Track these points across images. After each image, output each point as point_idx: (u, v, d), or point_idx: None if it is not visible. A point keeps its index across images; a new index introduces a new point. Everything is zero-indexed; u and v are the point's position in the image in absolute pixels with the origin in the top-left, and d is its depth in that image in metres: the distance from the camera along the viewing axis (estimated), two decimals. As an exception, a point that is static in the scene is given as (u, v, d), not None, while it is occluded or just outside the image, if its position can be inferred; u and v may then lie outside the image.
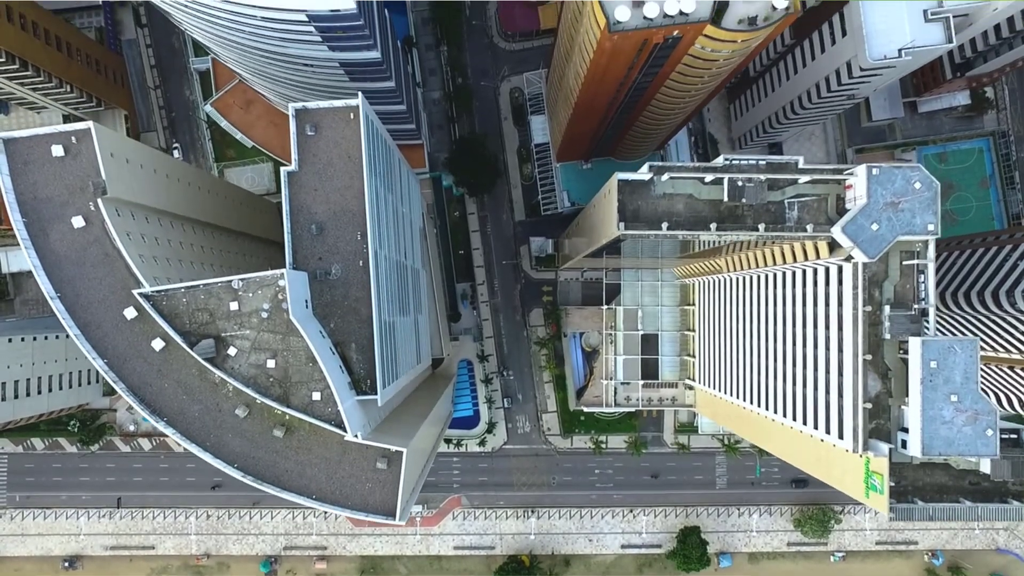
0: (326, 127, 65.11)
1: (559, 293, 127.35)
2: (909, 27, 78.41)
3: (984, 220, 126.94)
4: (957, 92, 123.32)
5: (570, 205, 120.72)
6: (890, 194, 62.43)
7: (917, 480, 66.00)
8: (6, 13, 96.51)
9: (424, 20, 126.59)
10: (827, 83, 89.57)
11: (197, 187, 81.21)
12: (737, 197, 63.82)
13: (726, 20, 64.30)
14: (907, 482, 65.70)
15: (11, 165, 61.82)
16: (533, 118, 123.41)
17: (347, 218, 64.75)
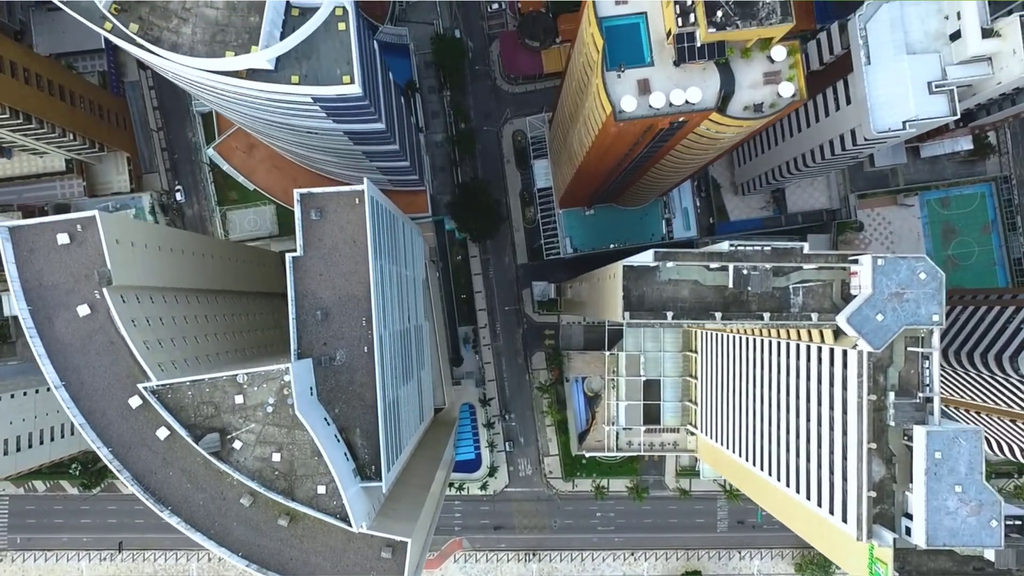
0: (331, 211, 65.15)
1: (561, 337, 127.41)
2: (913, 99, 78.39)
3: (986, 265, 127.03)
4: (960, 138, 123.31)
5: (573, 251, 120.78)
6: (895, 284, 62.46)
7: (921, 565, 66.05)
8: (9, 67, 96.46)
9: (427, 63, 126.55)
10: (831, 146, 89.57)
11: (201, 255, 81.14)
12: (742, 285, 63.85)
13: (732, 107, 64.37)
14: (911, 567, 65.72)
15: (16, 253, 61.80)
16: (536, 162, 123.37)
17: (352, 304, 64.79)
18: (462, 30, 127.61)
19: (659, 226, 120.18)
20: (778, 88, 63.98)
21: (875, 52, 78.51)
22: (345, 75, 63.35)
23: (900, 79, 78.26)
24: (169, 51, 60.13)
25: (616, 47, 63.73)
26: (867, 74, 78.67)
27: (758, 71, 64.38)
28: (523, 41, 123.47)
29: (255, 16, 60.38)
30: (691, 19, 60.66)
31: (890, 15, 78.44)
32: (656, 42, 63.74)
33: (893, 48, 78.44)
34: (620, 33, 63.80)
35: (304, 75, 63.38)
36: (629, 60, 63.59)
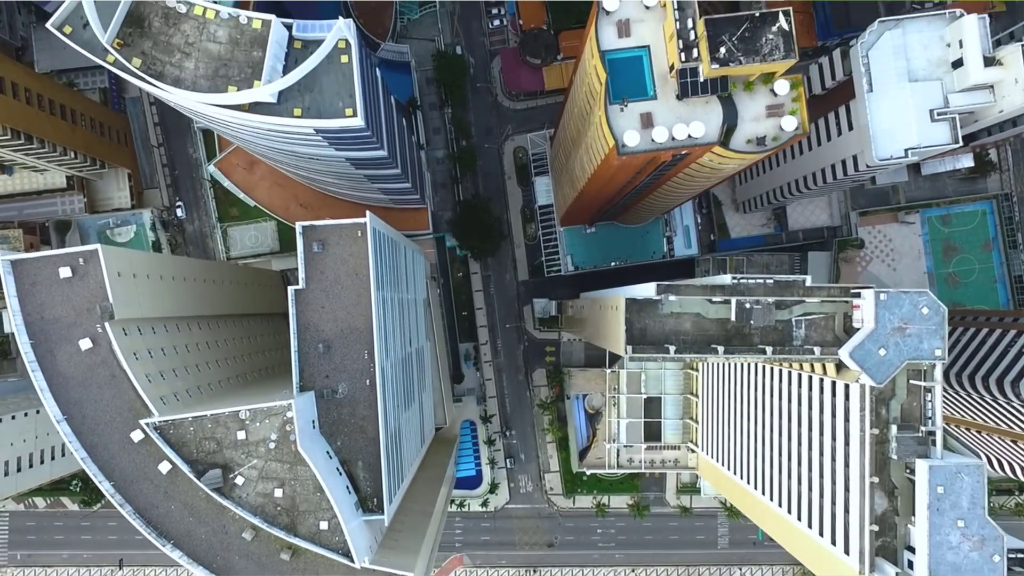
0: (333, 244, 65.12)
1: (562, 354, 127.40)
2: (915, 127, 78.33)
3: (987, 283, 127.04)
4: (960, 155, 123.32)
5: (574, 269, 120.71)
6: (897, 319, 62.46)
7: (923, 598, 65.94)
8: (10, 88, 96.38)
9: (428, 80, 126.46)
10: (832, 171, 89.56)
11: (203, 281, 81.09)
12: (745, 319, 63.81)
13: (735, 141, 64.34)
14: (913, 599, 65.69)
15: (19, 286, 61.76)
16: (537, 179, 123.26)
17: (354, 336, 64.71)
18: (463, 46, 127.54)
19: (660, 244, 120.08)
20: (781, 121, 63.94)
21: (877, 80, 78.43)
22: (347, 108, 63.31)
23: (902, 106, 78.19)
24: (172, 86, 60.06)
25: (619, 80, 63.70)
26: (869, 101, 78.61)
27: (761, 104, 64.35)
28: (524, 58, 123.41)
29: (258, 51, 60.37)
30: (694, 54, 60.66)
31: (892, 43, 78.36)
32: (659, 75, 63.70)
33: (895, 75, 78.36)
34: (623, 66, 63.79)
35: (306, 107, 63.33)
36: (632, 93, 63.56)
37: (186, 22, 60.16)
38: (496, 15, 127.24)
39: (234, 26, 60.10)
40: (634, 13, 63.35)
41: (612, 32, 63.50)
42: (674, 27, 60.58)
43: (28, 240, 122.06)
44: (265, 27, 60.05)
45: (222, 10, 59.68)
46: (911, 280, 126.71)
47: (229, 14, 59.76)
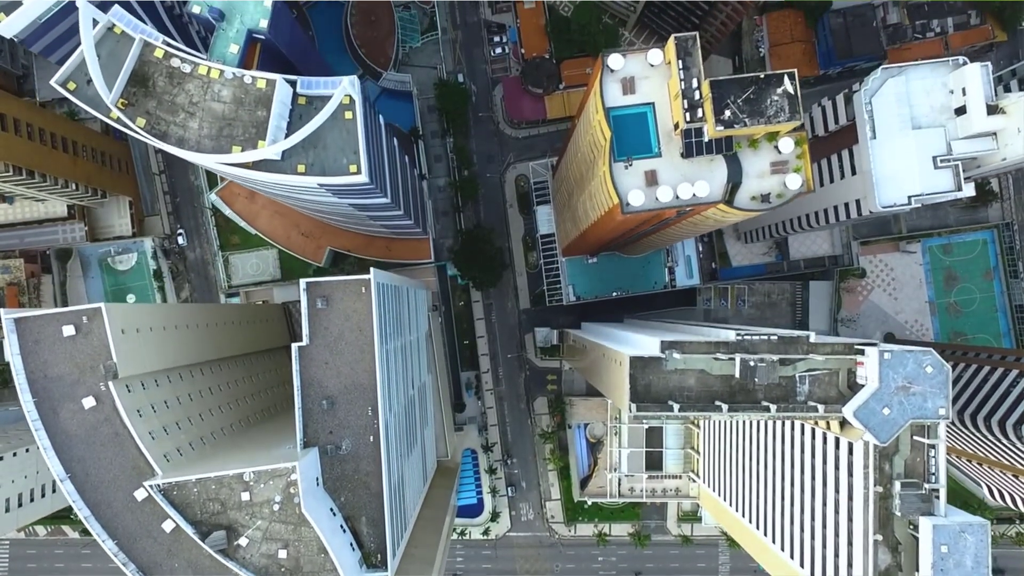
0: (337, 300, 64.98)
1: (563, 382, 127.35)
2: (918, 174, 78.30)
3: (988, 311, 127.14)
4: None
5: (575, 299, 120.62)
6: (901, 378, 62.49)
7: (926, 653, 65.96)
8: (12, 124, 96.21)
9: (430, 107, 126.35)
10: (835, 212, 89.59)
11: (206, 325, 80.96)
12: (749, 377, 63.79)
13: (739, 198, 64.33)
14: (916, 654, 65.72)
15: (22, 344, 61.64)
16: (539, 208, 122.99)
17: (358, 392, 64.64)
18: (465, 74, 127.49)
19: (662, 274, 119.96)
20: (785, 179, 63.91)
21: (880, 127, 78.36)
22: (352, 164, 63.24)
23: (905, 154, 78.10)
24: (175, 146, 60.00)
25: (623, 137, 63.70)
26: (872, 148, 78.54)
27: (765, 160, 64.34)
28: (526, 87, 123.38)
29: (262, 110, 60.29)
30: (699, 114, 60.63)
31: (895, 90, 78.29)
32: (663, 132, 63.70)
33: (898, 122, 78.30)
34: (627, 122, 63.77)
35: (310, 164, 63.27)
36: (636, 150, 63.55)
37: (190, 81, 60.06)
38: (498, 43, 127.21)
39: (238, 86, 59.99)
40: (639, 70, 63.32)
41: (617, 89, 63.47)
42: (679, 87, 60.54)
43: (29, 269, 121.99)
44: (269, 87, 59.97)
45: (226, 70, 59.56)
46: (912, 309, 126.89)
47: (233, 74, 59.66)
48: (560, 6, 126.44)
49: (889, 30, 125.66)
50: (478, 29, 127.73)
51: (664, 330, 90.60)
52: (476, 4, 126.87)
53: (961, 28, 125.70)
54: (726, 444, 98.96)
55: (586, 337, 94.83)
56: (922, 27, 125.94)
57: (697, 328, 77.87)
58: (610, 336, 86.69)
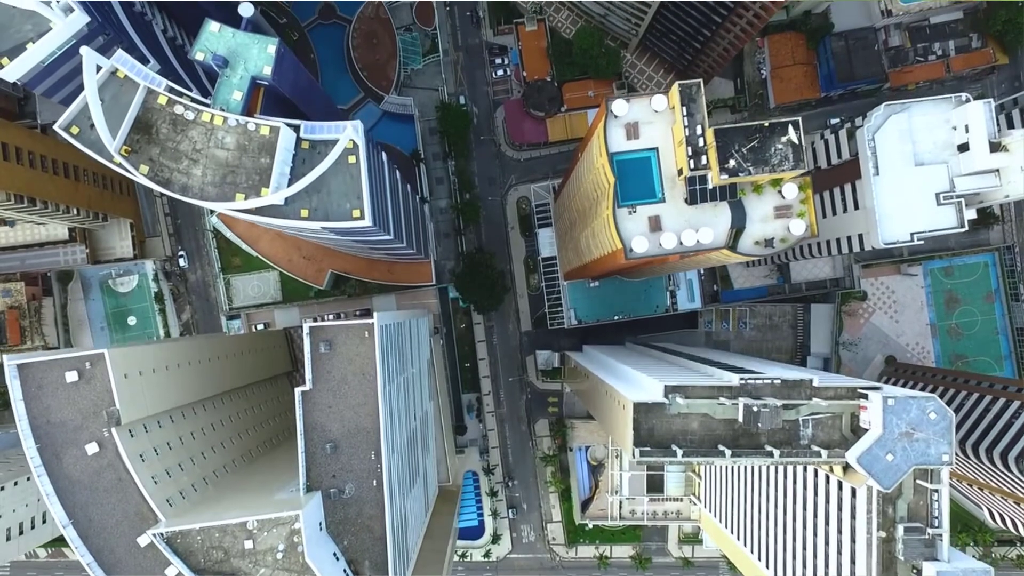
0: (340, 344, 64.98)
1: (565, 405, 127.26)
2: (921, 211, 78.32)
3: (989, 334, 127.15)
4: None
5: (577, 322, 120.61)
6: (905, 424, 62.45)
7: None
8: (13, 153, 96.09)
9: (431, 129, 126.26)
10: (838, 244, 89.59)
11: (208, 359, 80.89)
12: (752, 423, 63.68)
13: (743, 244, 64.32)
14: None
15: (24, 390, 61.59)
16: (540, 231, 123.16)
17: (361, 436, 64.64)
18: (467, 96, 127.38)
19: (663, 298, 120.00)
20: (789, 224, 63.87)
21: (883, 163, 78.36)
22: (355, 209, 63.16)
23: (908, 190, 78.14)
24: (179, 194, 59.88)
25: (627, 181, 63.66)
26: (875, 185, 78.54)
27: (769, 204, 64.30)
28: (528, 110, 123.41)
29: (266, 157, 60.21)
30: (703, 161, 60.62)
31: (898, 126, 78.31)
32: (667, 177, 63.66)
33: (901, 159, 78.32)
34: (631, 167, 63.74)
35: (314, 208, 63.17)
36: (640, 195, 63.54)
37: (194, 128, 59.97)
38: (500, 65, 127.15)
39: (242, 132, 59.91)
40: (643, 115, 63.29)
41: (621, 134, 63.43)
42: (683, 134, 60.50)
43: (30, 291, 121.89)
44: (273, 133, 59.88)
45: (230, 117, 59.45)
46: (913, 332, 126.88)
47: (237, 121, 59.55)
48: (562, 28, 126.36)
49: (891, 53, 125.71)
50: (480, 51, 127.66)
51: (666, 363, 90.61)
52: (478, 26, 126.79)
53: (963, 51, 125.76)
54: (728, 469, 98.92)
55: (588, 367, 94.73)
56: (924, 50, 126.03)
57: (699, 365, 77.74)
58: (612, 370, 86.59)
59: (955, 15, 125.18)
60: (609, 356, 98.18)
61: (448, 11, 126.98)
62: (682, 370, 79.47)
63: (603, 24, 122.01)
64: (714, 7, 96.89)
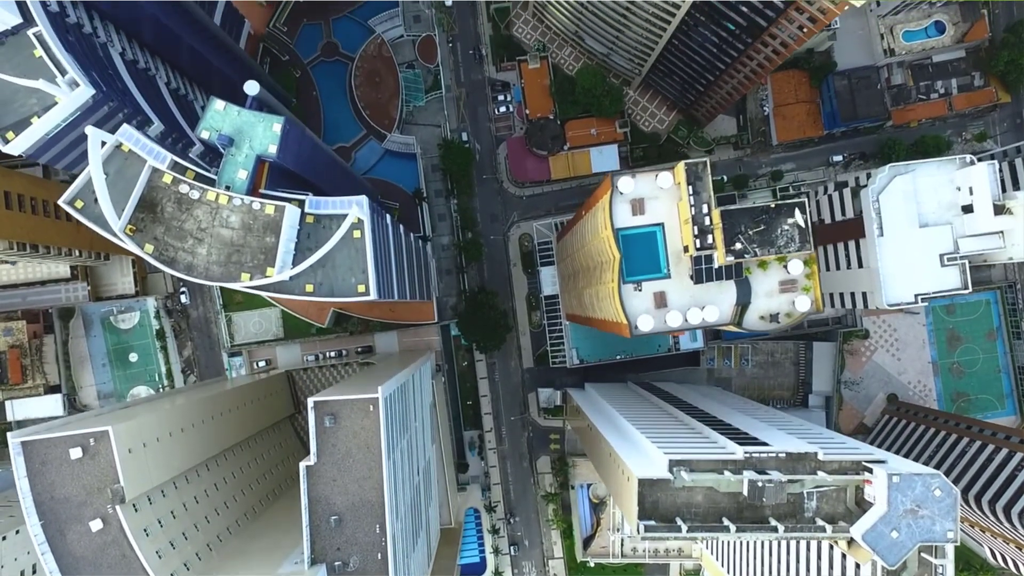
0: (345, 417, 64.92)
1: (567, 442, 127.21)
2: (925, 272, 78.36)
3: (991, 372, 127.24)
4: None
5: (579, 362, 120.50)
6: (910, 501, 62.44)
7: None
8: (16, 201, 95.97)
9: (434, 166, 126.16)
10: (842, 299, 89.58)
11: (211, 418, 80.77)
12: (757, 498, 63.68)
13: (747, 319, 64.27)
14: None
15: (28, 466, 61.56)
16: (543, 269, 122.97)
17: (366, 509, 64.59)
18: (469, 132, 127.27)
19: (666, 338, 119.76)
20: (795, 300, 63.84)
21: (888, 224, 78.45)
22: (360, 284, 63.09)
23: (912, 252, 78.24)
24: (183, 273, 59.80)
25: (632, 256, 63.60)
26: (879, 246, 78.61)
27: (774, 279, 64.23)
28: (531, 148, 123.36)
29: (271, 236, 60.12)
30: (709, 240, 60.57)
31: (903, 187, 78.38)
32: (673, 252, 63.61)
33: (906, 220, 78.40)
34: (637, 242, 63.70)
35: (319, 283, 63.08)
36: (645, 270, 63.50)
37: (199, 207, 59.87)
38: (502, 101, 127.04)
39: (247, 212, 59.82)
40: (648, 191, 63.24)
41: (626, 210, 63.39)
42: (689, 213, 60.44)
43: (31, 329, 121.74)
44: (278, 213, 59.79)
45: (235, 196, 59.35)
46: (915, 369, 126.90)
47: (242, 200, 59.45)
48: (565, 65, 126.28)
49: (893, 91, 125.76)
50: (482, 87, 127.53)
51: (666, 415, 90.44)
52: (481, 62, 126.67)
53: (965, 89, 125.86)
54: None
55: (590, 417, 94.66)
56: (926, 88, 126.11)
57: (701, 426, 77.41)
58: (614, 424, 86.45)
59: (957, 54, 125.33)
60: (611, 404, 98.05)
61: (451, 48, 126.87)
62: (684, 430, 79.28)
63: (606, 62, 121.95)
64: (724, 47, 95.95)
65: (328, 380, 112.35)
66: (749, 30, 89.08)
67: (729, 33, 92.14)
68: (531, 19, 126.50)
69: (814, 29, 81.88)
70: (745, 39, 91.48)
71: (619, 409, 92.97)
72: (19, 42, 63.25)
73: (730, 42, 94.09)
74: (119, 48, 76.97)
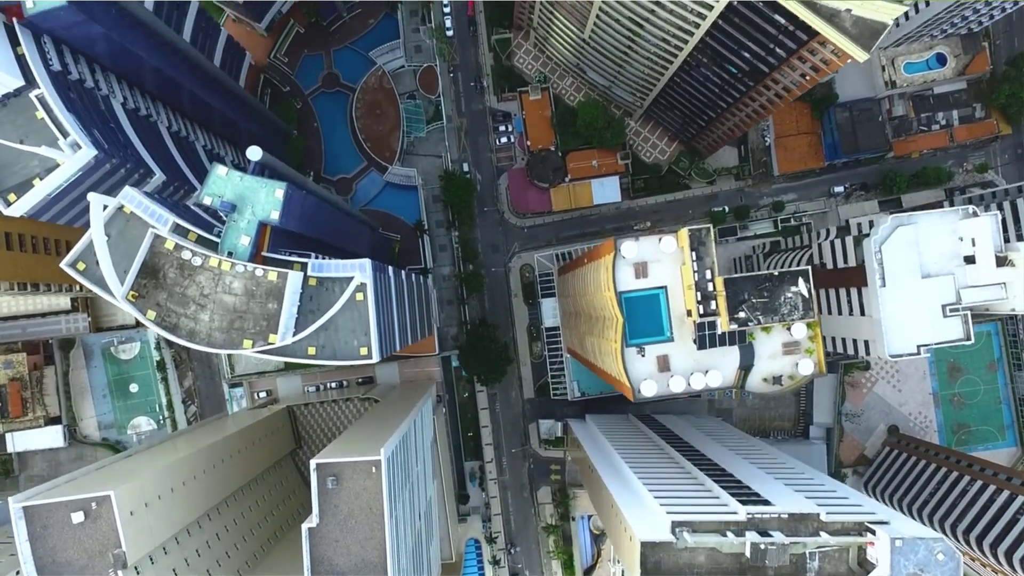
0: (347, 479, 64.84)
1: (567, 473, 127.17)
2: (927, 323, 78.28)
3: (992, 403, 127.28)
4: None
5: (580, 395, 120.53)
6: (912, 565, 62.43)
7: None
8: (17, 241, 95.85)
9: (435, 197, 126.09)
10: (843, 344, 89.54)
11: (212, 466, 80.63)
12: (760, 559, 63.72)
13: (751, 381, 64.32)
14: None
15: (30, 530, 61.53)
16: (544, 300, 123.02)
17: (368, 569, 64.60)
18: (470, 162, 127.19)
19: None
20: (798, 362, 63.84)
21: (890, 275, 78.23)
22: (362, 347, 63.01)
23: (914, 303, 78.06)
24: (186, 340, 59.73)
25: (635, 318, 63.64)
26: (881, 296, 78.45)
27: (777, 341, 64.30)
28: (532, 180, 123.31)
29: (273, 303, 60.04)
30: (712, 306, 60.54)
31: (905, 238, 78.25)
32: (676, 316, 63.64)
33: (908, 271, 78.24)
34: (640, 304, 63.73)
35: (321, 346, 62.98)
36: (648, 333, 63.50)
37: (201, 273, 59.77)
38: (504, 132, 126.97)
39: (249, 278, 59.72)
40: (651, 255, 63.22)
41: (630, 273, 63.36)
42: (692, 279, 60.40)
43: (31, 361, 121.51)
44: (281, 279, 59.71)
45: (238, 263, 59.25)
46: (916, 401, 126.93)
47: (244, 267, 59.36)
48: (566, 95, 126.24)
49: (895, 122, 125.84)
50: (483, 117, 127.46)
51: (667, 457, 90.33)
52: (482, 93, 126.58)
53: (966, 121, 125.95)
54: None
55: (591, 458, 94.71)
56: (927, 120, 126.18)
57: (704, 478, 77.33)
58: (614, 468, 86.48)
59: (959, 85, 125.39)
60: (612, 442, 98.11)
61: (452, 78, 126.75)
62: (685, 480, 79.07)
63: (607, 94, 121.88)
64: (727, 87, 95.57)
65: (329, 416, 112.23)
66: (751, 74, 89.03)
67: (731, 76, 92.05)
68: (532, 49, 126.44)
69: (816, 78, 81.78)
70: (747, 82, 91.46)
71: (621, 451, 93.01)
72: (21, 104, 63.14)
73: (732, 84, 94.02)
74: (120, 98, 76.87)
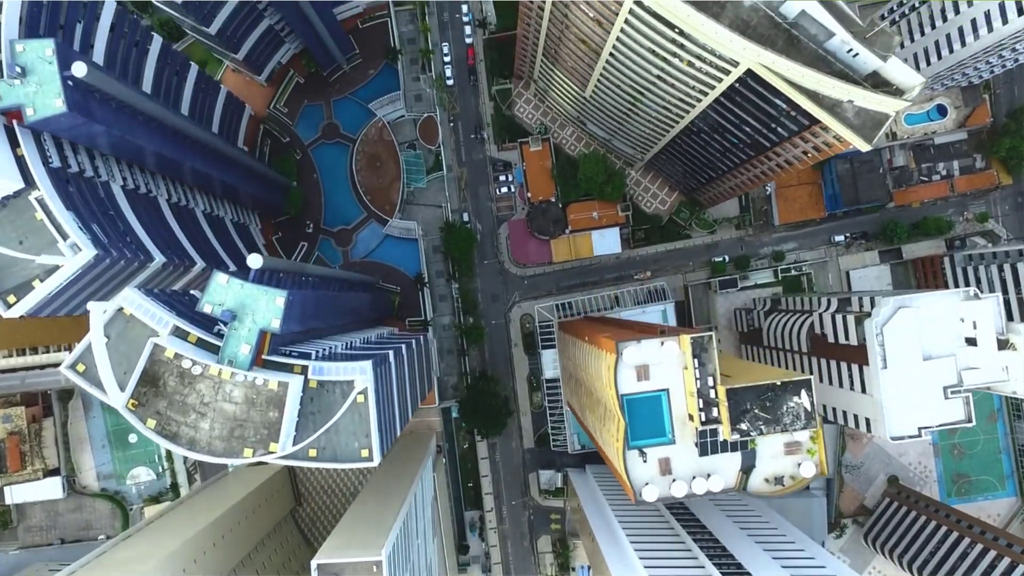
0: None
1: (567, 522, 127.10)
2: (929, 405, 78.23)
3: (992, 453, 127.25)
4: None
5: (579, 448, 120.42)
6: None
7: None
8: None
9: (435, 247, 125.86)
10: (844, 417, 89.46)
11: (213, 544, 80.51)
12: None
13: (752, 482, 64.17)
14: None
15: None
16: (544, 352, 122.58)
17: (369, 667, 64.39)
18: (470, 212, 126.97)
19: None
20: (800, 464, 63.67)
21: (892, 356, 78.17)
22: (363, 449, 62.84)
23: (916, 385, 78.00)
24: (186, 449, 59.54)
25: (637, 419, 63.46)
26: (882, 378, 78.39)
27: (779, 442, 64.01)
28: (532, 231, 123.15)
29: (274, 411, 59.84)
30: (714, 413, 60.39)
31: (906, 320, 78.16)
32: (678, 418, 63.46)
33: (910, 353, 78.14)
34: (641, 406, 63.53)
35: (322, 449, 62.79)
36: (650, 434, 63.35)
37: (202, 382, 59.57)
38: (504, 182, 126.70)
39: (250, 387, 59.52)
40: (653, 357, 63.02)
41: (631, 375, 63.19)
42: (695, 386, 60.26)
43: (30, 413, 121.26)
44: (282, 388, 59.50)
45: (238, 372, 59.04)
46: (916, 451, 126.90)
47: (245, 376, 59.14)
48: (567, 145, 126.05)
49: (895, 172, 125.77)
50: (484, 166, 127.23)
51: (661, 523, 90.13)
52: (482, 143, 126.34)
53: (967, 171, 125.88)
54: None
55: (588, 520, 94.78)
56: (928, 170, 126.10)
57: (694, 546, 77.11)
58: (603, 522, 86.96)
59: (959, 136, 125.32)
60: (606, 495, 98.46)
61: (452, 127, 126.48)
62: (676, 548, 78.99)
63: (608, 145, 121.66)
64: (729, 154, 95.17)
65: (328, 473, 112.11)
66: (754, 146, 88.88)
67: (733, 145, 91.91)
68: (532, 99, 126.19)
69: (819, 157, 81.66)
70: (750, 152, 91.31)
71: (613, 504, 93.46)
72: (20, 205, 62.97)
73: (735, 151, 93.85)
74: (120, 180, 76.66)
